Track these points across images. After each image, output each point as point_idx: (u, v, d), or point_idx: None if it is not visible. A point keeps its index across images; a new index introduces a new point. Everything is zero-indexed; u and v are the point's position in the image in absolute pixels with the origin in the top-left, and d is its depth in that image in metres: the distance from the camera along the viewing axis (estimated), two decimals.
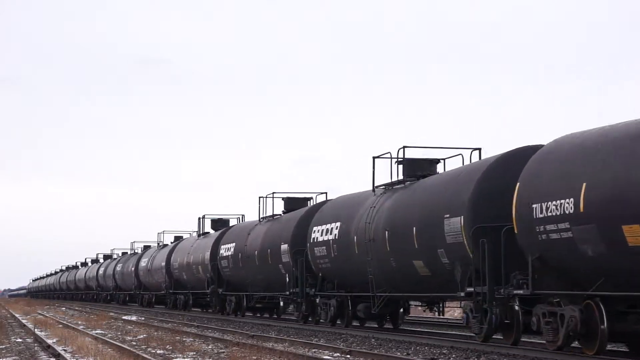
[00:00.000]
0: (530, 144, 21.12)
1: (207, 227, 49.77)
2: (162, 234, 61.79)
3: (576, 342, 18.71)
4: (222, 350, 21.59)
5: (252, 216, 42.90)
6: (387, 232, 25.51)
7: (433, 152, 26.50)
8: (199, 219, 49.71)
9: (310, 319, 32.73)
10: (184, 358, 19.85)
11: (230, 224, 47.50)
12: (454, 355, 19.40)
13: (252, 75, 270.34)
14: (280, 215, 37.47)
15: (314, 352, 20.75)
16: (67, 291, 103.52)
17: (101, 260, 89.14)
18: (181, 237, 59.26)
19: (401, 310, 29.33)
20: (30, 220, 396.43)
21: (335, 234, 29.54)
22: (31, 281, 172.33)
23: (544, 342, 19.50)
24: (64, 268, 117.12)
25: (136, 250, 71.80)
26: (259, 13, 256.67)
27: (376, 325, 30.28)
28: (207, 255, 45.09)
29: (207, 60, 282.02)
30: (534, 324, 19.40)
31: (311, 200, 36.90)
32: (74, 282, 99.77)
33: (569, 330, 18.19)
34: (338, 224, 29.48)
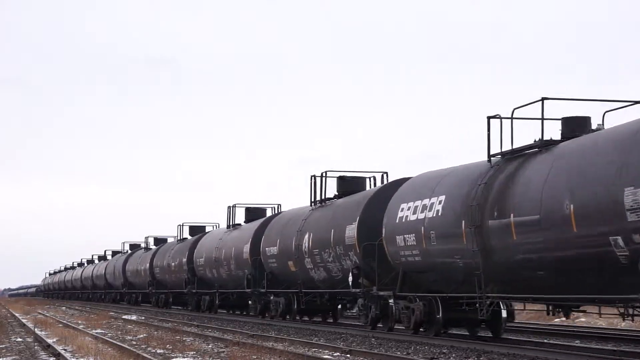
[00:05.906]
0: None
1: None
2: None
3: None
4: (222, 350, 20.91)
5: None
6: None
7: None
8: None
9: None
10: (184, 358, 19.20)
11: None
12: (454, 355, 18.73)
13: (252, 76, 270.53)
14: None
15: (314, 351, 20.08)
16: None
17: (96, 261, 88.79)
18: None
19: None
20: (30, 220, 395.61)
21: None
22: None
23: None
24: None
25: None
26: (260, 15, 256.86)
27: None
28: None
29: (207, 61, 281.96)
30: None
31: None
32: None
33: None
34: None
